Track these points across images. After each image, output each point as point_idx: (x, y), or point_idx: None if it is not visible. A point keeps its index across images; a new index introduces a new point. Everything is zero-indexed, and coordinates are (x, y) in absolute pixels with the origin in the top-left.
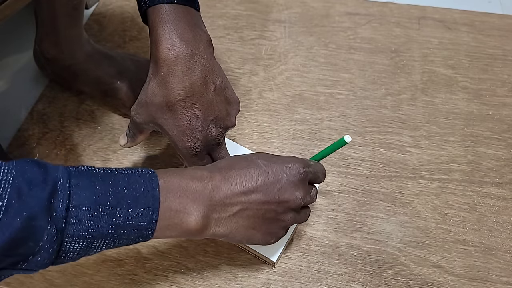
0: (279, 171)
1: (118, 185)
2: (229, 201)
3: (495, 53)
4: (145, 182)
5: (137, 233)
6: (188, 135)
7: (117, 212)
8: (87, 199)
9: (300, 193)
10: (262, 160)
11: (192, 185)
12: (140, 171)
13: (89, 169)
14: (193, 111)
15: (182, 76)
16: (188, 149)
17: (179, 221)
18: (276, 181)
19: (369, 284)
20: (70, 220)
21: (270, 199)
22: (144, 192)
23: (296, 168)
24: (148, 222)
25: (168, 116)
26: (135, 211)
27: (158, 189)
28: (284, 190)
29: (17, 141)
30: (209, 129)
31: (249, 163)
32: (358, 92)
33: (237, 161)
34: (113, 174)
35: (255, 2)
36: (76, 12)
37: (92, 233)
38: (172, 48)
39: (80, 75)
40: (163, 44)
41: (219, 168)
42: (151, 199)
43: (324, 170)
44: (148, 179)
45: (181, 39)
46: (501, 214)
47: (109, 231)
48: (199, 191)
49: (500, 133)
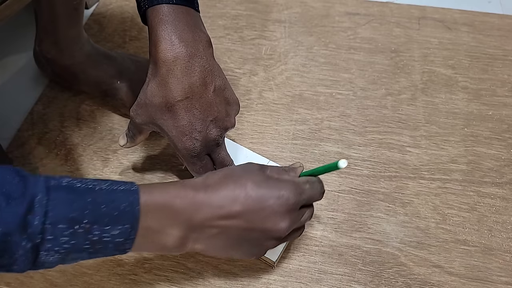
0: (267, 198)
1: (97, 203)
2: (209, 224)
3: (495, 53)
4: (125, 199)
5: (114, 248)
6: (188, 136)
7: (93, 230)
8: (64, 216)
9: (285, 224)
10: (251, 184)
11: (173, 205)
12: (123, 187)
13: (70, 183)
14: (193, 112)
15: (181, 77)
16: (188, 150)
17: (157, 240)
18: (262, 209)
19: (369, 284)
20: (46, 236)
21: (252, 227)
22: (124, 210)
23: (286, 198)
24: (126, 239)
25: (168, 116)
26: (112, 228)
27: (138, 208)
28: (268, 219)
29: (17, 141)
30: (208, 130)
31: (238, 185)
32: (358, 92)
33: (226, 180)
34: (93, 190)
35: (255, 2)
36: (76, 12)
37: (67, 248)
38: (171, 49)
39: (80, 75)
40: (162, 45)
41: (205, 185)
42: (131, 217)
43: (322, 189)
44: (129, 196)
45: (180, 40)
46: (501, 214)
47: (84, 246)
48: (180, 212)
49: (500, 133)
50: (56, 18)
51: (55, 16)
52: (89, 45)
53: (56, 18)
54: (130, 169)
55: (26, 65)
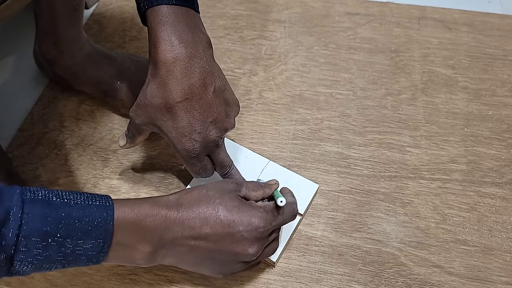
0: (237, 224)
1: (71, 217)
2: (178, 242)
3: (495, 53)
4: (100, 215)
5: (86, 260)
6: (187, 137)
7: (66, 243)
8: (37, 230)
9: (253, 250)
10: (223, 208)
11: (145, 223)
12: (98, 202)
13: (46, 196)
14: (192, 113)
15: (181, 78)
16: (187, 151)
17: (127, 255)
18: (230, 234)
19: (369, 284)
20: (19, 248)
21: (220, 249)
22: (97, 225)
23: (256, 227)
24: (98, 252)
25: (167, 118)
26: (85, 242)
27: (112, 223)
28: (237, 244)
29: (17, 141)
30: (208, 131)
31: (210, 207)
32: (358, 92)
33: (199, 201)
34: (69, 205)
35: (255, 2)
36: (76, 13)
37: (41, 259)
38: (171, 50)
39: (80, 75)
40: (162, 46)
41: (178, 204)
42: (104, 232)
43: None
44: (103, 212)
45: (180, 41)
46: (501, 214)
47: (57, 258)
48: (151, 230)
49: (500, 133)
50: (56, 19)
51: (55, 16)
52: (89, 45)
53: (56, 19)
54: (130, 169)
55: (26, 65)
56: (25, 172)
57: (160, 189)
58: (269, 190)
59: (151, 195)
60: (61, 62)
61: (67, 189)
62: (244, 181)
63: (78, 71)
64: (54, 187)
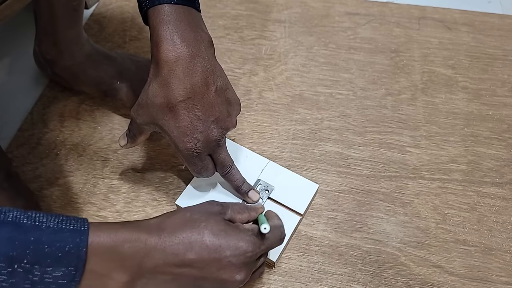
0: (224, 249)
1: (41, 242)
2: (160, 270)
3: (495, 53)
4: (72, 240)
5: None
6: (189, 136)
7: (34, 270)
8: (3, 255)
9: (240, 277)
10: (209, 232)
11: (122, 249)
12: (72, 226)
13: (16, 218)
14: (194, 112)
15: (183, 77)
16: (189, 150)
17: (102, 284)
18: (217, 260)
19: (369, 284)
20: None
21: (205, 276)
22: (68, 251)
23: (244, 252)
24: (69, 281)
25: (169, 117)
26: (55, 270)
27: (85, 250)
28: (224, 271)
29: (17, 141)
30: (210, 130)
31: (194, 232)
32: (358, 92)
33: (182, 226)
34: (39, 229)
35: (255, 2)
36: (76, 13)
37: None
38: (173, 49)
39: (80, 76)
40: (164, 45)
41: (160, 229)
42: (76, 259)
43: (282, 235)
44: (76, 237)
45: (182, 40)
46: (501, 214)
47: (25, 286)
48: (129, 257)
49: (500, 133)
50: (55, 19)
51: (54, 17)
52: (89, 45)
53: (56, 19)
54: (130, 169)
55: (26, 65)
56: (25, 172)
57: (160, 189)
58: (254, 214)
59: (151, 195)
60: (61, 62)
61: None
62: (230, 203)
63: (78, 71)
64: (54, 187)
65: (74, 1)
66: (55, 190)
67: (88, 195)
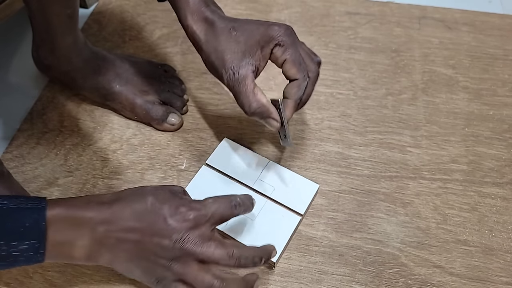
0: (165, 214)
1: (3, 220)
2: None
3: (496, 53)
4: (31, 216)
5: (26, 261)
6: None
7: (1, 245)
8: None
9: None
10: (153, 199)
11: (78, 219)
12: (30, 204)
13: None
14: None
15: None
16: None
17: (66, 251)
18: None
19: (369, 284)
20: None
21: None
22: (29, 226)
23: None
24: (35, 253)
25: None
26: (20, 244)
27: (44, 223)
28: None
29: (17, 141)
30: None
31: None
32: (358, 92)
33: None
34: (1, 209)
35: (255, 1)
36: (71, 20)
37: None
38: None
39: (79, 81)
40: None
41: (111, 200)
42: (37, 232)
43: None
44: (35, 213)
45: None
46: (502, 214)
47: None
48: (84, 226)
49: (501, 133)
50: (50, 27)
51: (49, 25)
52: (87, 49)
53: (51, 27)
54: (130, 169)
55: (26, 65)
56: (24, 172)
57: None
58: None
59: None
60: (59, 68)
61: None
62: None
63: (76, 77)
64: (53, 187)
65: (68, 9)
66: (55, 190)
67: None
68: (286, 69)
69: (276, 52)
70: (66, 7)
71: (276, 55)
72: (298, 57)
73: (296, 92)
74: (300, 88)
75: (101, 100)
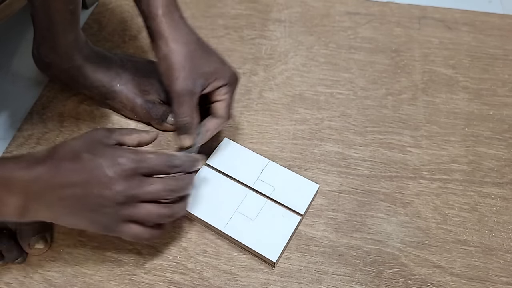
0: (102, 166)
1: None
2: (47, 193)
3: (496, 53)
4: None
5: None
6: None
7: None
8: None
9: (119, 187)
10: (88, 154)
11: (11, 176)
12: None
13: None
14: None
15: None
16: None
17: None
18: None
19: (369, 284)
20: None
21: (86, 193)
22: None
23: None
24: None
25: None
26: None
27: None
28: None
29: (16, 141)
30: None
31: (74, 155)
32: (358, 92)
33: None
34: None
35: (255, 1)
36: (73, 16)
37: None
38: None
39: (79, 79)
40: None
41: (44, 157)
42: None
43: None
44: None
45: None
46: (502, 214)
47: None
48: (17, 183)
49: (501, 133)
50: (52, 24)
51: (51, 21)
52: (88, 48)
53: (53, 24)
54: None
55: (26, 65)
56: None
57: None
58: (146, 135)
59: None
60: (59, 66)
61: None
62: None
63: (77, 75)
64: None
65: (71, 5)
66: None
67: None
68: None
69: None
70: (69, 2)
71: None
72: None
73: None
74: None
75: (101, 99)
